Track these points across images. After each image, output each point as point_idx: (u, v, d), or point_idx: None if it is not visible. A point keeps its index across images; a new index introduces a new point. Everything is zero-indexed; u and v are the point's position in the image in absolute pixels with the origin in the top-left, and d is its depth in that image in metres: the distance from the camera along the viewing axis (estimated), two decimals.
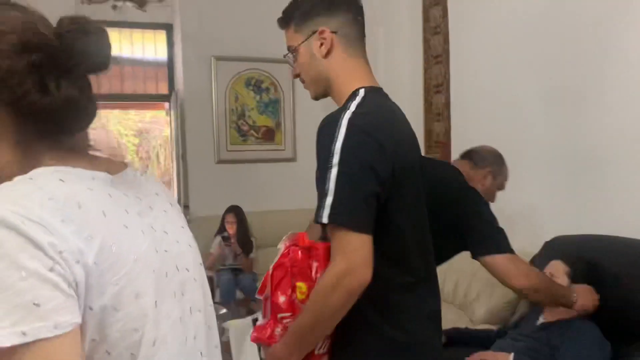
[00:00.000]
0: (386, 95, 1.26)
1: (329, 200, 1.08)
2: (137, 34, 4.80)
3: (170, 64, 4.87)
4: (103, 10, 3.32)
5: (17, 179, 0.66)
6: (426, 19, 3.56)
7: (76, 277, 0.62)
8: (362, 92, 1.18)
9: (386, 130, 1.14)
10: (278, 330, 1.19)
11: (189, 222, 3.59)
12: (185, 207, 4.38)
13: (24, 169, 0.68)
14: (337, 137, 1.10)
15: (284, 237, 1.27)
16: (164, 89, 4.90)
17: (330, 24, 1.19)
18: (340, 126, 1.11)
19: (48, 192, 0.64)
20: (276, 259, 1.24)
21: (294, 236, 1.24)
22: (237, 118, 4.67)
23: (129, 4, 2.78)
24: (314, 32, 1.19)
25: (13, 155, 0.70)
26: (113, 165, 0.79)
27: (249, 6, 4.66)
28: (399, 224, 1.17)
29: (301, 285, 1.17)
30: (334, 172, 1.08)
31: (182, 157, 4.49)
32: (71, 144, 0.74)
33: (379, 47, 3.81)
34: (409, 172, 1.19)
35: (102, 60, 0.73)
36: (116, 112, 9.18)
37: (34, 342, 0.57)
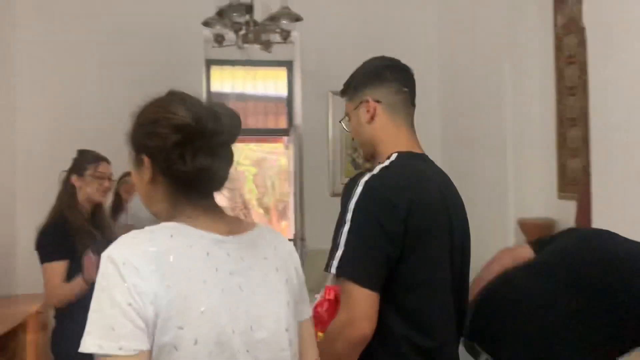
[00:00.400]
0: (425, 160, 1.34)
1: (338, 253, 1.16)
2: (260, 71, 5.01)
3: (289, 99, 5.01)
4: (230, 50, 3.47)
5: (146, 228, 0.88)
6: (559, 48, 3.31)
7: (147, 314, 0.79)
8: (394, 156, 1.28)
9: (402, 192, 1.19)
10: None
11: (304, 255, 3.62)
12: (302, 240, 4.41)
13: (171, 217, 0.92)
14: (353, 196, 1.19)
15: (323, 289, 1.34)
16: (283, 124, 5.05)
17: (375, 94, 1.31)
18: (357, 186, 1.20)
19: (155, 244, 0.85)
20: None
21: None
22: (352, 151, 4.66)
23: (255, 45, 2.89)
24: (362, 102, 1.32)
25: (166, 206, 0.94)
26: (239, 225, 0.96)
27: (365, 41, 4.67)
28: (417, 283, 1.20)
29: (322, 335, 1.26)
30: (346, 228, 1.17)
31: (299, 190, 4.55)
32: (205, 203, 0.94)
33: (504, 78, 3.60)
34: (429, 233, 1.21)
35: (229, 138, 0.93)
36: (237, 145, 9.70)
37: (104, 355, 0.78)
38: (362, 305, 1.12)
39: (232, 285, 0.88)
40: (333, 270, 1.16)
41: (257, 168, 12.08)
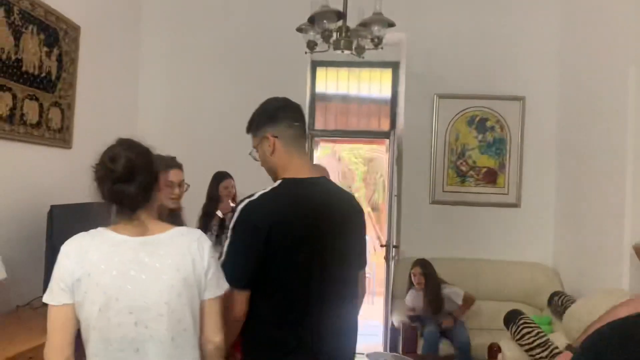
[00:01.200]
0: (306, 183, 1.64)
1: (221, 262, 1.55)
2: (364, 72, 4.98)
3: (393, 101, 4.92)
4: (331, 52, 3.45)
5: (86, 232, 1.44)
6: None
7: (67, 282, 1.36)
8: (278, 182, 1.63)
9: (266, 217, 1.53)
10: None
11: (397, 261, 3.51)
12: (395, 247, 4.32)
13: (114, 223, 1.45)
14: (233, 218, 1.57)
15: None
16: (386, 125, 4.97)
17: (273, 131, 1.64)
18: (237, 210, 1.57)
19: (82, 240, 1.41)
20: None
21: None
22: (456, 158, 4.46)
23: (347, 52, 2.85)
24: (263, 138, 1.66)
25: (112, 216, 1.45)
26: (152, 229, 1.44)
27: (474, 43, 4.43)
28: (278, 288, 1.57)
29: None
30: (227, 243, 1.57)
31: (397, 196, 4.46)
32: (128, 214, 1.41)
33: (628, 85, 3.21)
34: (290, 248, 1.55)
35: (125, 173, 1.39)
36: (347, 145, 9.78)
37: (47, 303, 1.38)
38: (238, 304, 1.55)
39: (125, 270, 1.36)
40: None
41: (368, 167, 12.07)
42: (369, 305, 6.87)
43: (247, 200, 1.57)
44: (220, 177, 3.73)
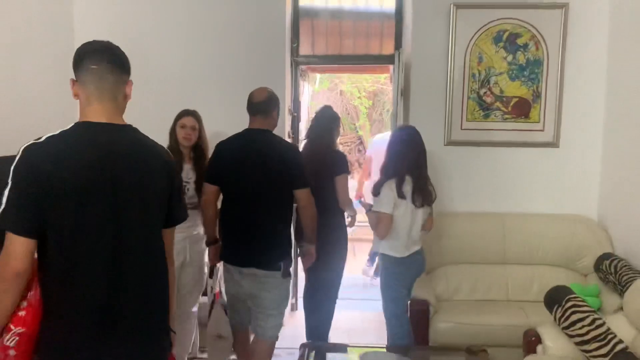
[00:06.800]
0: (102, 128, 1.59)
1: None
2: None
3: (399, 16, 3.96)
4: None
5: None
6: None
7: None
8: (70, 125, 1.58)
9: (48, 157, 1.51)
10: None
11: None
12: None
13: None
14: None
15: None
16: (389, 48, 4.02)
17: (76, 75, 1.63)
18: (19, 152, 1.51)
19: None
20: None
21: None
22: (479, 86, 3.56)
23: None
24: (70, 81, 1.66)
25: None
26: None
27: None
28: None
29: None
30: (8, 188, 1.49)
31: None
32: None
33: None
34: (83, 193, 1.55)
35: None
36: (347, 76, 8.74)
37: None
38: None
39: None
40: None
41: (373, 100, 11.05)
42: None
43: (31, 141, 1.54)
44: (178, 115, 3.03)
